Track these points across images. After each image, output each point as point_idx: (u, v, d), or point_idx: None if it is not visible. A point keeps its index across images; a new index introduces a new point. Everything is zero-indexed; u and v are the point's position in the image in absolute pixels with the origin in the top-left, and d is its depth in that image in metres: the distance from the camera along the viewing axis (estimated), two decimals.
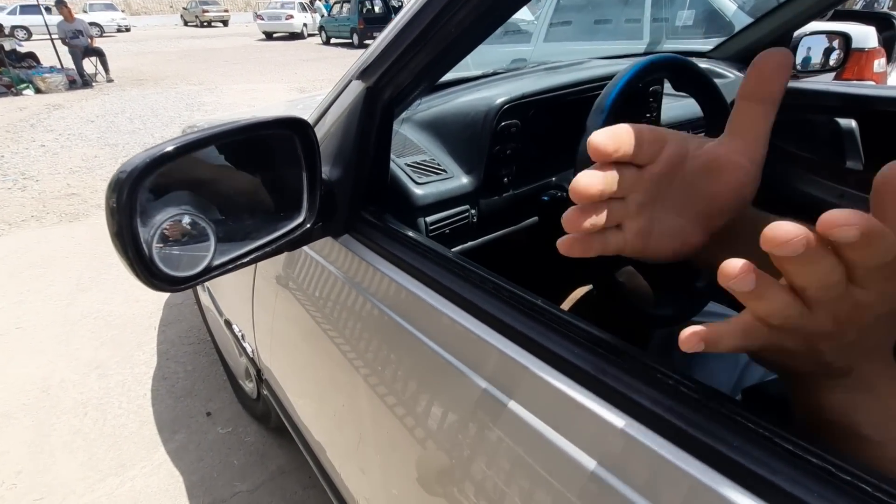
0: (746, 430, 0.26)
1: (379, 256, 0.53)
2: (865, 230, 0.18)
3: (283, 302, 0.72)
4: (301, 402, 0.82)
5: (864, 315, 0.22)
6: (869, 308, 0.21)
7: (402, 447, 0.52)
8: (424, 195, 0.65)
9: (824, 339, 0.23)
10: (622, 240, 0.29)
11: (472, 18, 0.43)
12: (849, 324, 0.22)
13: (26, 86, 6.79)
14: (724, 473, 0.25)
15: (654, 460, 0.28)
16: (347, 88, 0.55)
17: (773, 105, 0.25)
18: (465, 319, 0.42)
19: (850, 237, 0.18)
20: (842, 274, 0.20)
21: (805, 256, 0.19)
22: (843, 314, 0.22)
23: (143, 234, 0.38)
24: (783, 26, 1.40)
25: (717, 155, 0.28)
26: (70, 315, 1.96)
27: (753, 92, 0.25)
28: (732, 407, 0.27)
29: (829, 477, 0.23)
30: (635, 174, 0.28)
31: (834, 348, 0.24)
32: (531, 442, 0.35)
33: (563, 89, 0.77)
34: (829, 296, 0.21)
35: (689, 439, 0.27)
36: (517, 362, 0.37)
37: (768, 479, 0.24)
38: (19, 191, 3.33)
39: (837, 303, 0.21)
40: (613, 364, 0.32)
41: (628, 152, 0.26)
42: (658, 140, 0.27)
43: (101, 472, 1.29)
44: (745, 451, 0.25)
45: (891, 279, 0.20)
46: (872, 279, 0.20)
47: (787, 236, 0.19)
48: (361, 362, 0.56)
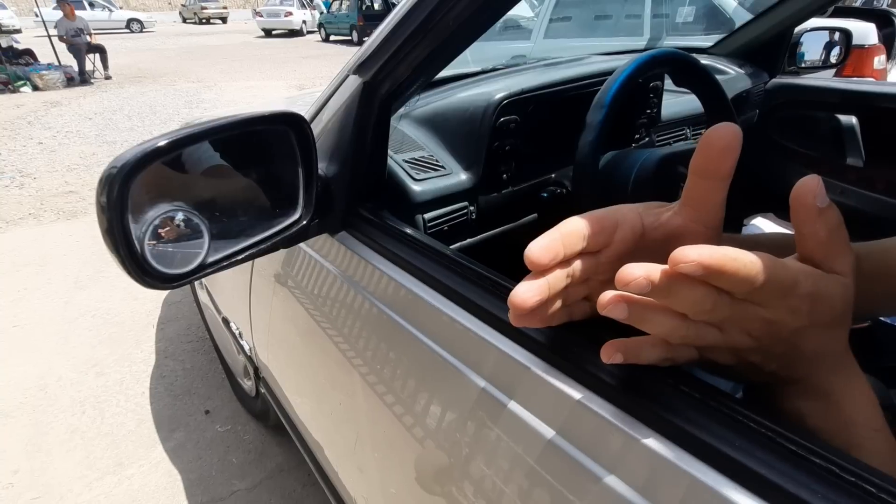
0: (748, 429, 0.25)
1: (376, 253, 0.53)
2: (709, 265, 0.20)
3: (279, 299, 0.71)
4: (299, 401, 0.82)
5: (779, 329, 0.23)
6: (780, 323, 0.23)
7: (400, 446, 0.51)
8: (422, 192, 0.65)
9: (751, 353, 0.25)
10: (588, 308, 0.31)
11: (470, 11, 0.42)
12: (768, 338, 0.24)
13: (23, 83, 6.76)
14: (725, 473, 0.25)
15: (653, 459, 0.27)
16: (345, 83, 0.55)
17: (724, 180, 0.25)
18: (463, 317, 0.41)
19: (695, 272, 0.20)
20: (716, 300, 0.22)
21: (658, 291, 0.21)
22: (756, 330, 0.23)
23: (134, 231, 0.37)
24: (784, 22, 1.40)
25: (675, 226, 0.28)
26: (68, 313, 1.95)
27: (703, 170, 0.25)
28: (734, 405, 0.27)
29: (832, 477, 0.23)
30: (590, 261, 0.28)
31: (768, 360, 0.25)
32: (530, 441, 0.34)
33: (562, 84, 0.76)
34: (716, 317, 0.23)
35: (690, 438, 0.27)
36: (516, 361, 0.36)
37: (770, 480, 0.23)
38: (17, 188, 3.32)
39: (742, 321, 0.23)
40: (622, 370, 0.31)
41: (570, 255, 0.27)
42: (605, 229, 0.28)
43: (98, 471, 1.28)
44: (747, 450, 0.25)
45: (787, 296, 0.22)
46: (765, 298, 0.22)
47: (629, 277, 0.21)
48: (359, 361, 0.55)
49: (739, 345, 0.24)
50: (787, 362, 0.25)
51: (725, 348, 0.25)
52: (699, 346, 0.25)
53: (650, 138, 0.93)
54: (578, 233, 0.27)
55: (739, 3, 2.70)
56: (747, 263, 0.21)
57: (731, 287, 0.21)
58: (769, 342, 0.24)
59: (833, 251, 0.23)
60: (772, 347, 0.24)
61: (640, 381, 0.30)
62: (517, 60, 1.19)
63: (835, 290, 0.23)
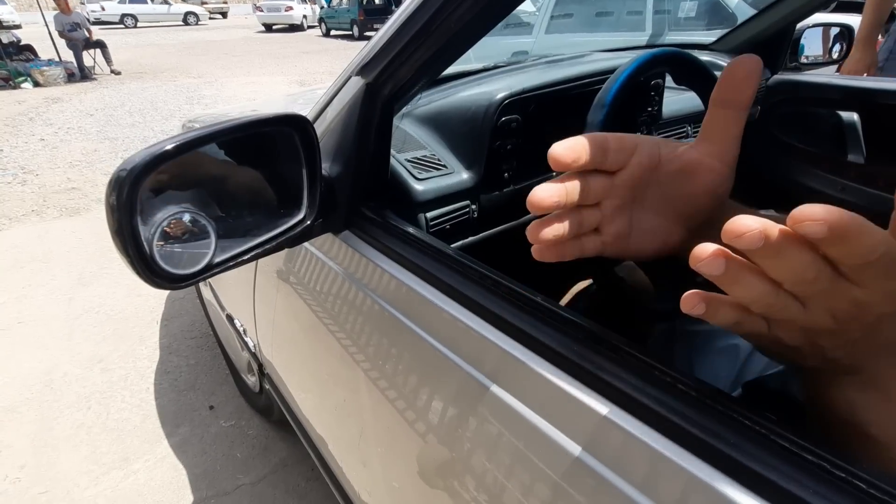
0: (743, 426, 0.26)
1: (379, 252, 0.53)
2: (836, 227, 0.18)
3: (284, 297, 0.72)
4: (302, 396, 0.83)
5: (866, 313, 0.21)
6: (870, 306, 0.21)
7: (403, 441, 0.52)
8: (425, 191, 0.65)
9: (825, 335, 0.23)
10: (599, 243, 0.30)
11: (472, 14, 0.42)
12: (850, 321, 0.22)
13: (24, 79, 6.76)
14: (721, 469, 0.26)
15: (651, 456, 0.28)
16: (347, 84, 0.55)
17: (744, 110, 0.26)
18: (464, 316, 0.42)
19: (818, 233, 0.18)
20: (820, 270, 0.20)
21: (769, 249, 0.20)
22: (841, 311, 0.22)
23: (143, 233, 0.38)
24: (786, 18, 1.39)
25: (690, 158, 0.29)
26: (72, 310, 1.97)
27: (724, 99, 0.26)
28: (729, 403, 0.27)
29: (823, 473, 0.23)
30: (605, 181, 0.29)
31: (838, 345, 0.23)
32: (530, 437, 0.35)
33: (563, 83, 0.77)
34: (811, 291, 0.21)
35: (687, 436, 0.27)
36: (516, 358, 0.37)
37: (763, 475, 0.24)
38: (19, 185, 3.33)
39: (831, 299, 0.21)
40: (612, 361, 0.32)
41: (590, 162, 0.27)
42: (625, 148, 0.28)
43: (104, 466, 1.30)
44: (742, 447, 0.25)
45: (891, 278, 0.20)
46: (869, 277, 0.20)
47: (742, 229, 0.19)
48: (362, 357, 0.56)
49: (819, 325, 0.22)
50: (856, 350, 0.23)
51: (801, 327, 0.23)
52: (777, 319, 0.23)
53: (651, 136, 0.94)
54: (601, 144, 0.28)
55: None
56: (873, 233, 0.18)
57: (846, 257, 0.19)
58: (850, 326, 0.22)
59: None
60: (850, 332, 0.22)
61: (639, 378, 0.31)
62: (519, 56, 1.20)
63: None
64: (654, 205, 0.31)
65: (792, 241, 0.20)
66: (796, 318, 0.23)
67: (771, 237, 0.19)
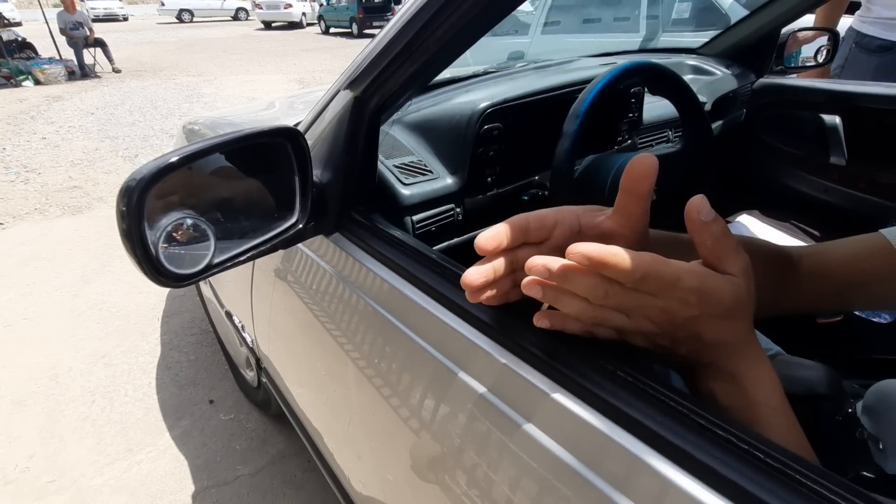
0: (668, 408, 0.30)
1: (366, 254, 0.57)
2: (594, 257, 0.26)
3: (280, 295, 0.76)
4: (298, 390, 0.87)
5: (674, 316, 0.28)
6: (673, 311, 0.28)
7: (393, 435, 0.55)
8: (411, 195, 0.70)
9: (659, 337, 0.30)
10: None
11: (451, 35, 0.46)
12: (667, 324, 0.29)
13: (25, 77, 6.79)
14: (647, 442, 0.30)
15: (617, 450, 0.31)
16: (337, 97, 0.59)
17: (644, 198, 0.31)
18: (443, 314, 0.46)
19: (581, 262, 0.26)
20: (608, 289, 0.27)
21: (556, 277, 0.28)
22: (655, 317, 0.28)
23: (150, 236, 0.42)
24: (771, 23, 1.42)
25: (606, 228, 0.34)
26: (76, 306, 2.01)
27: (626, 188, 0.31)
28: (660, 389, 0.31)
29: (730, 445, 0.28)
30: (533, 250, 0.34)
31: (676, 344, 0.30)
32: (512, 433, 0.38)
33: (543, 93, 0.81)
34: (614, 303, 0.28)
35: (641, 426, 0.30)
36: (493, 357, 0.40)
37: (682, 448, 0.28)
38: (22, 183, 3.37)
39: (643, 308, 0.28)
40: (582, 362, 0.35)
41: (511, 243, 0.33)
42: (545, 226, 0.34)
43: (109, 457, 1.35)
44: (666, 425, 0.30)
45: (672, 288, 0.27)
46: (654, 289, 0.27)
47: (530, 265, 0.28)
48: (353, 353, 0.60)
49: (644, 328, 0.29)
50: (692, 347, 0.30)
51: (636, 331, 0.30)
52: (610, 326, 0.30)
53: (632, 140, 0.98)
54: (521, 227, 0.33)
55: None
56: (627, 259, 0.26)
57: (616, 277, 0.27)
58: (670, 328, 0.29)
59: (721, 256, 0.28)
60: (675, 332, 0.29)
61: (608, 380, 0.34)
62: (515, 56, 1.24)
63: (723, 287, 0.28)
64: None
65: (573, 269, 0.27)
66: (627, 326, 0.30)
67: (552, 268, 0.28)
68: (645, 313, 0.29)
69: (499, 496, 0.40)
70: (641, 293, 0.27)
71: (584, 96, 0.65)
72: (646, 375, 0.33)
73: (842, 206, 1.35)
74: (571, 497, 0.33)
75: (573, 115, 0.65)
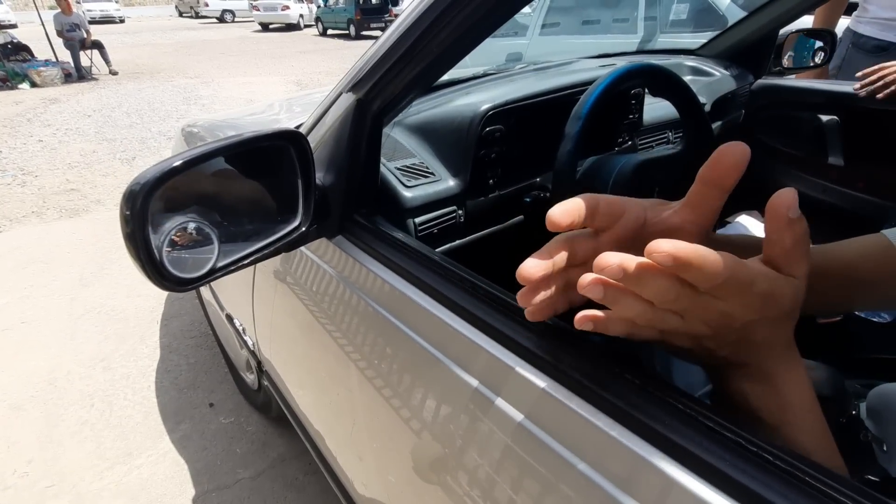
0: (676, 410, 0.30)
1: (369, 256, 0.57)
2: (679, 257, 0.23)
3: (281, 298, 0.76)
4: (300, 393, 0.87)
5: (732, 321, 0.26)
6: (734, 315, 0.26)
7: (395, 436, 0.55)
8: (413, 197, 0.69)
9: (707, 339, 0.28)
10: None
11: (453, 38, 0.47)
12: (722, 328, 0.27)
13: (22, 79, 6.77)
14: (674, 457, 0.29)
15: (620, 450, 0.31)
16: (339, 100, 0.59)
17: (726, 191, 0.29)
18: (446, 315, 0.46)
19: (664, 262, 0.23)
20: (679, 291, 0.25)
21: (630, 279, 0.25)
22: (712, 321, 0.27)
23: (154, 241, 0.42)
24: (769, 24, 1.43)
25: (672, 224, 0.32)
26: (74, 310, 2.01)
27: (710, 180, 0.29)
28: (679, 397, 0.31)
29: (739, 448, 0.28)
30: (591, 243, 0.32)
31: (721, 346, 0.28)
32: (515, 434, 0.38)
33: (544, 95, 0.81)
34: (679, 307, 0.26)
35: (652, 432, 0.30)
36: (492, 355, 0.40)
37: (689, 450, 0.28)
38: (19, 186, 3.36)
39: (702, 312, 0.26)
40: (589, 364, 0.35)
41: (580, 224, 0.30)
42: (613, 213, 0.31)
43: (108, 461, 1.34)
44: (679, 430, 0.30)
45: (744, 293, 0.25)
46: (725, 293, 0.25)
47: (605, 264, 0.25)
48: (355, 355, 0.60)
49: (697, 332, 0.27)
50: (738, 349, 0.28)
51: (685, 333, 0.28)
52: (661, 329, 0.28)
53: (633, 142, 0.98)
54: (591, 206, 0.30)
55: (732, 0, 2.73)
56: (713, 261, 0.23)
57: (696, 280, 0.24)
58: (724, 331, 0.27)
59: (794, 258, 0.26)
60: (725, 336, 0.27)
61: (611, 378, 0.34)
62: (513, 58, 1.24)
63: (787, 291, 0.26)
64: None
65: (650, 271, 0.25)
66: (678, 328, 0.27)
67: (628, 269, 0.25)
68: (703, 316, 0.26)
69: (501, 496, 0.40)
70: (709, 296, 0.25)
71: (586, 98, 0.65)
72: (651, 377, 0.33)
73: (840, 205, 1.36)
74: (574, 497, 0.33)
75: (575, 116, 0.65)
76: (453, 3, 0.42)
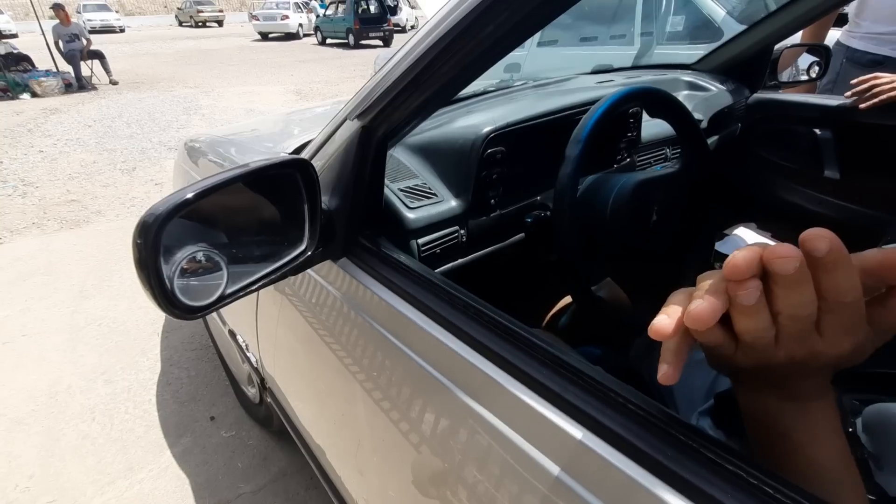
0: (677, 441, 0.31)
1: (372, 279, 0.58)
2: (835, 248, 0.23)
3: (286, 317, 0.77)
4: (303, 409, 0.88)
5: (815, 361, 0.26)
6: (822, 356, 0.26)
7: (397, 452, 0.57)
8: (416, 219, 0.71)
9: (771, 367, 0.28)
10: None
11: (458, 69, 0.48)
12: (800, 365, 0.27)
13: (22, 89, 6.80)
14: (655, 473, 0.31)
15: (603, 465, 0.33)
16: (344, 125, 0.60)
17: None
18: (448, 339, 0.47)
19: (821, 249, 0.23)
20: (813, 310, 0.24)
21: (793, 278, 0.23)
22: (798, 356, 0.26)
23: (165, 270, 0.43)
24: (765, 40, 1.45)
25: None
26: (75, 322, 2.01)
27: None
28: (666, 419, 0.33)
29: (739, 480, 0.29)
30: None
31: (786, 366, 0.28)
32: (508, 450, 0.40)
33: (544, 116, 0.83)
34: (796, 329, 0.25)
35: (633, 448, 0.33)
36: (493, 379, 0.42)
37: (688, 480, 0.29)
38: (19, 197, 3.37)
39: (797, 345, 0.26)
40: (573, 383, 0.37)
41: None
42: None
43: (109, 476, 1.34)
44: (676, 459, 0.31)
45: (848, 333, 0.25)
46: (833, 327, 0.25)
47: (785, 252, 0.24)
48: (358, 374, 0.61)
49: (774, 361, 0.27)
50: (791, 372, 0.28)
51: (756, 357, 0.27)
52: (750, 350, 0.27)
53: (631, 159, 1.00)
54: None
55: (728, 12, 2.76)
56: (855, 271, 0.23)
57: (831, 290, 0.23)
58: (797, 367, 0.27)
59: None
60: (791, 368, 0.27)
61: (595, 398, 0.36)
62: (511, 70, 1.26)
63: (868, 348, 0.26)
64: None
65: (805, 273, 0.24)
66: (764, 352, 0.27)
67: (799, 265, 0.23)
68: (795, 349, 0.26)
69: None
70: (816, 330, 0.25)
71: (586, 121, 0.67)
72: (646, 400, 0.35)
73: (837, 218, 1.37)
74: None
75: (575, 139, 0.66)
76: (460, 35, 0.44)
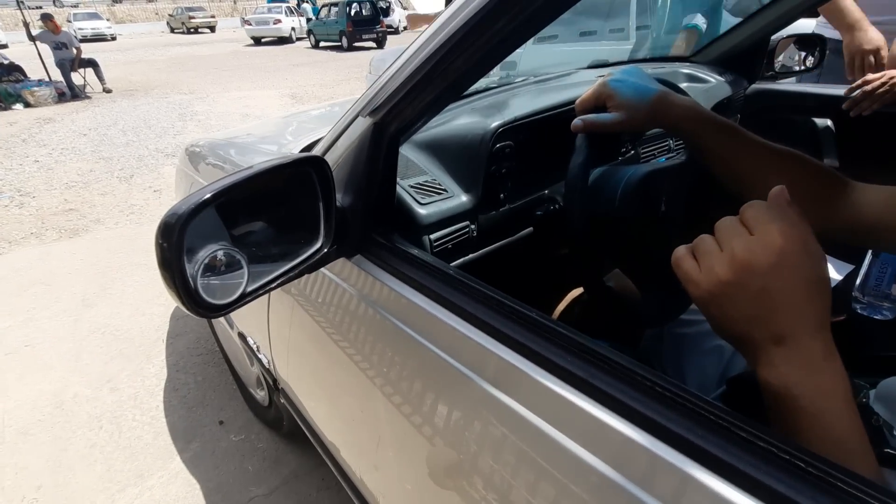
0: (708, 420, 0.32)
1: (388, 273, 0.59)
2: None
3: (299, 317, 0.77)
4: (318, 408, 0.88)
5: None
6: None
7: (414, 445, 0.57)
8: (428, 215, 0.71)
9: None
10: None
11: (469, 64, 0.48)
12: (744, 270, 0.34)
13: (15, 100, 6.76)
14: (687, 454, 0.31)
15: (638, 450, 0.34)
16: (355, 123, 0.61)
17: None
18: (466, 329, 0.47)
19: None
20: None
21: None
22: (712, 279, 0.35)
23: (189, 270, 0.43)
24: (762, 30, 1.46)
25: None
26: (78, 331, 2.00)
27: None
28: (696, 401, 0.33)
29: (770, 455, 0.29)
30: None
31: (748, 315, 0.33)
32: (531, 437, 0.40)
33: (551, 110, 0.83)
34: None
35: (664, 430, 0.33)
36: (515, 367, 0.42)
37: (724, 460, 0.30)
38: (17, 208, 3.35)
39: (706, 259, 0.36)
40: (599, 368, 0.38)
41: None
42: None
43: (119, 484, 1.33)
44: (707, 437, 0.31)
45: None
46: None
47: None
48: (376, 369, 0.61)
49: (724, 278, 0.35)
50: (765, 309, 0.33)
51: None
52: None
53: (635, 151, 1.00)
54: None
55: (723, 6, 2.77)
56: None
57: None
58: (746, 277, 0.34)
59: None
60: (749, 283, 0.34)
61: (621, 381, 0.36)
62: (507, 66, 1.26)
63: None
64: None
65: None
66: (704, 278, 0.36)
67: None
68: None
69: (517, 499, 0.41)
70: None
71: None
72: (661, 377, 0.35)
73: None
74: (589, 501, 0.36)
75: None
76: (472, 30, 0.44)
